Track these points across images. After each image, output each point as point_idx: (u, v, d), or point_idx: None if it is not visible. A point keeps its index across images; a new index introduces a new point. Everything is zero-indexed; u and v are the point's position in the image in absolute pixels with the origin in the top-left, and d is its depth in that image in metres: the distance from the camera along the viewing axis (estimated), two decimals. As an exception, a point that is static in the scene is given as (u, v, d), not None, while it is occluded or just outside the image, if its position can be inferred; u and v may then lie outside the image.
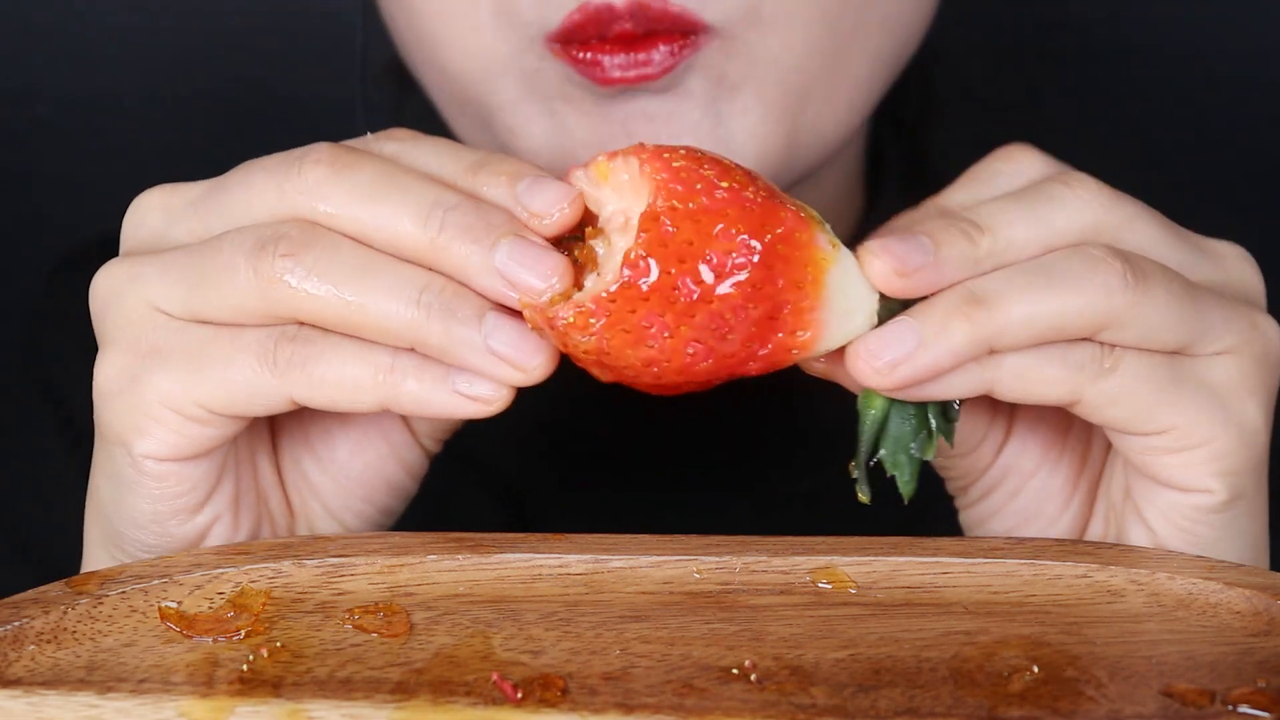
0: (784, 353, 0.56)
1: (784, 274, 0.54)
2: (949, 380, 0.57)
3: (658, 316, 0.54)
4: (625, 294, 0.54)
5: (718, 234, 0.54)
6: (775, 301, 0.54)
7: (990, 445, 0.62)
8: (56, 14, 1.10)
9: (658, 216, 0.54)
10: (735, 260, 0.54)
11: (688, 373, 0.55)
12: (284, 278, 0.57)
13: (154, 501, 0.59)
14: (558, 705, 0.51)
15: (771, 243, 0.54)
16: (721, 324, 0.54)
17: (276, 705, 0.51)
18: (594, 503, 0.80)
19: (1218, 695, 0.51)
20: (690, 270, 0.54)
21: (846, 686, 0.51)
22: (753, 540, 0.57)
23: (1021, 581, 0.55)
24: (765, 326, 0.55)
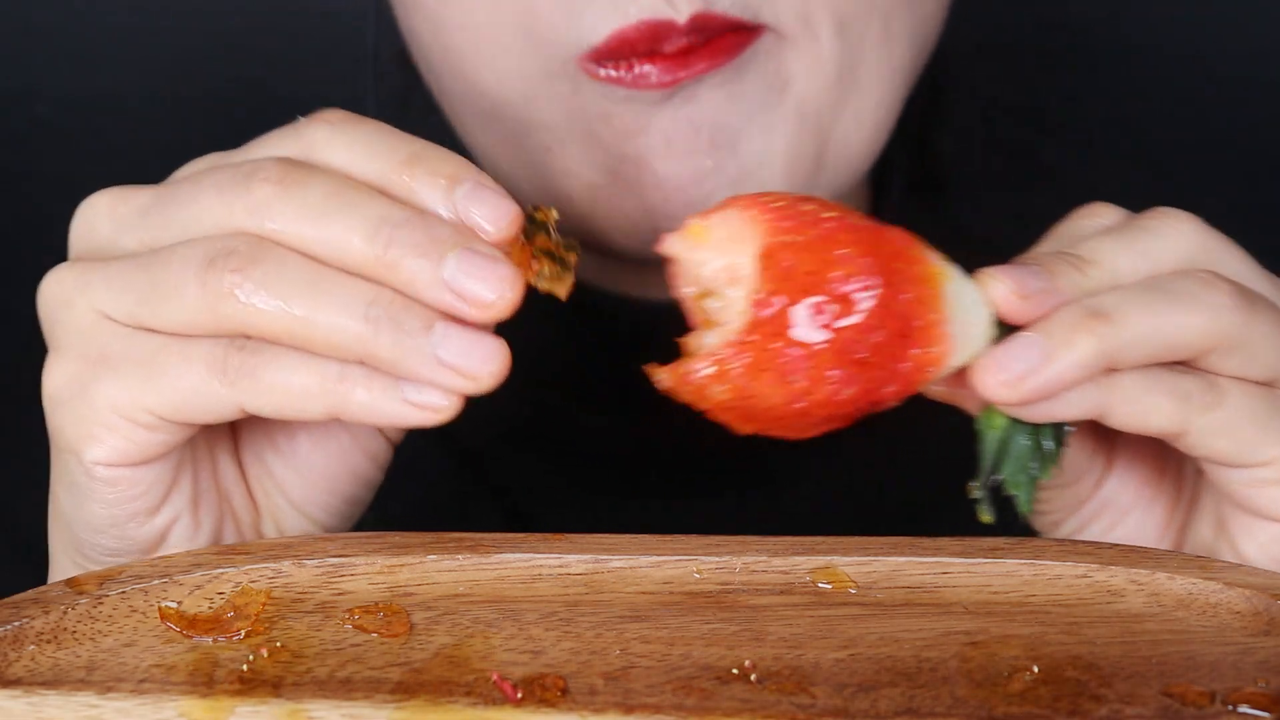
0: (919, 371, 0.55)
1: (907, 290, 0.54)
2: (1068, 399, 0.56)
3: (796, 349, 0.54)
4: (760, 332, 0.54)
5: (837, 259, 0.54)
6: (904, 318, 0.54)
7: (1091, 478, 0.62)
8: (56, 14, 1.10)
9: (774, 253, 0.54)
10: (860, 283, 0.54)
11: (831, 404, 0.54)
12: (233, 293, 0.57)
13: (108, 506, 0.59)
14: (558, 705, 0.51)
15: (889, 261, 0.54)
16: (858, 347, 0.54)
17: (276, 705, 0.51)
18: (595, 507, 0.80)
19: (1218, 695, 0.51)
20: (820, 298, 0.54)
21: (846, 686, 0.51)
22: (753, 540, 0.57)
23: (1021, 581, 0.55)
24: (899, 345, 0.54)
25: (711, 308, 0.56)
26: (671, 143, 0.69)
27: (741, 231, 0.55)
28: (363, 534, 0.58)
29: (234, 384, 0.57)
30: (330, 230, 0.57)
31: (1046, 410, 0.56)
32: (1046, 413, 0.56)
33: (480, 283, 0.57)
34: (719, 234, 0.56)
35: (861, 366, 0.54)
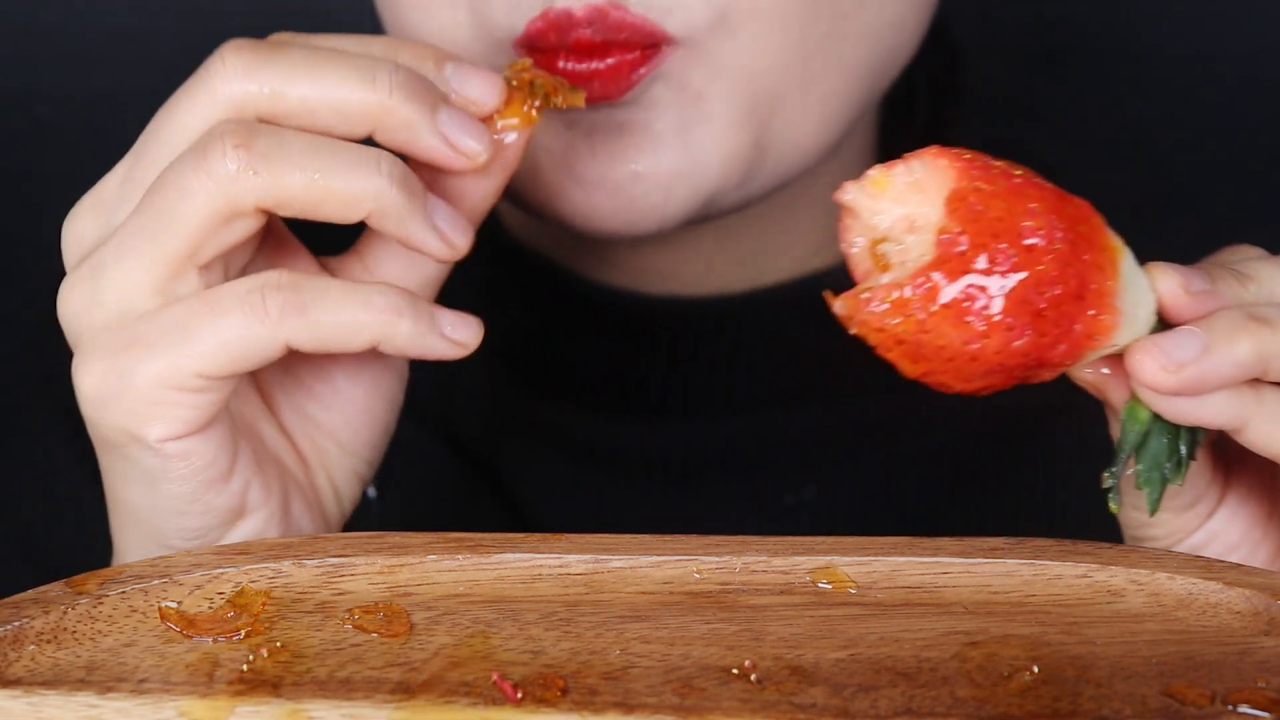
0: (1088, 338, 0.55)
1: (1088, 253, 0.54)
2: (1214, 401, 0.56)
3: (978, 289, 0.53)
4: (943, 266, 0.53)
5: (1026, 211, 0.54)
6: (1082, 280, 0.54)
7: (1203, 507, 0.61)
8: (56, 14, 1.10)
9: (965, 196, 0.54)
10: (1047, 235, 0.54)
11: (1004, 352, 0.54)
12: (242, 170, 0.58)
13: (186, 480, 0.60)
14: (558, 705, 0.51)
15: (1074, 222, 0.54)
16: (1038, 298, 0.54)
17: (276, 705, 0.51)
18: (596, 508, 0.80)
19: (1218, 695, 0.51)
20: (1006, 241, 0.53)
21: (846, 686, 0.51)
22: (753, 540, 0.57)
23: (1021, 581, 0.55)
24: (1074, 305, 0.54)
25: (887, 251, 0.56)
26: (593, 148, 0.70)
27: (927, 180, 0.55)
28: (363, 534, 0.58)
29: (280, 323, 0.58)
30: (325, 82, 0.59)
31: (1192, 409, 0.56)
32: (1192, 411, 0.56)
33: (469, 135, 0.60)
34: (901, 183, 0.56)
35: (1038, 318, 0.54)
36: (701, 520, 0.79)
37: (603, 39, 0.67)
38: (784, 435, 0.81)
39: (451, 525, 0.60)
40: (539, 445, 0.81)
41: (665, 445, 0.80)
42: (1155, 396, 0.56)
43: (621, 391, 0.80)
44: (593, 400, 0.81)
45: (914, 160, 0.55)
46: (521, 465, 0.81)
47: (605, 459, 0.80)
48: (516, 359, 0.82)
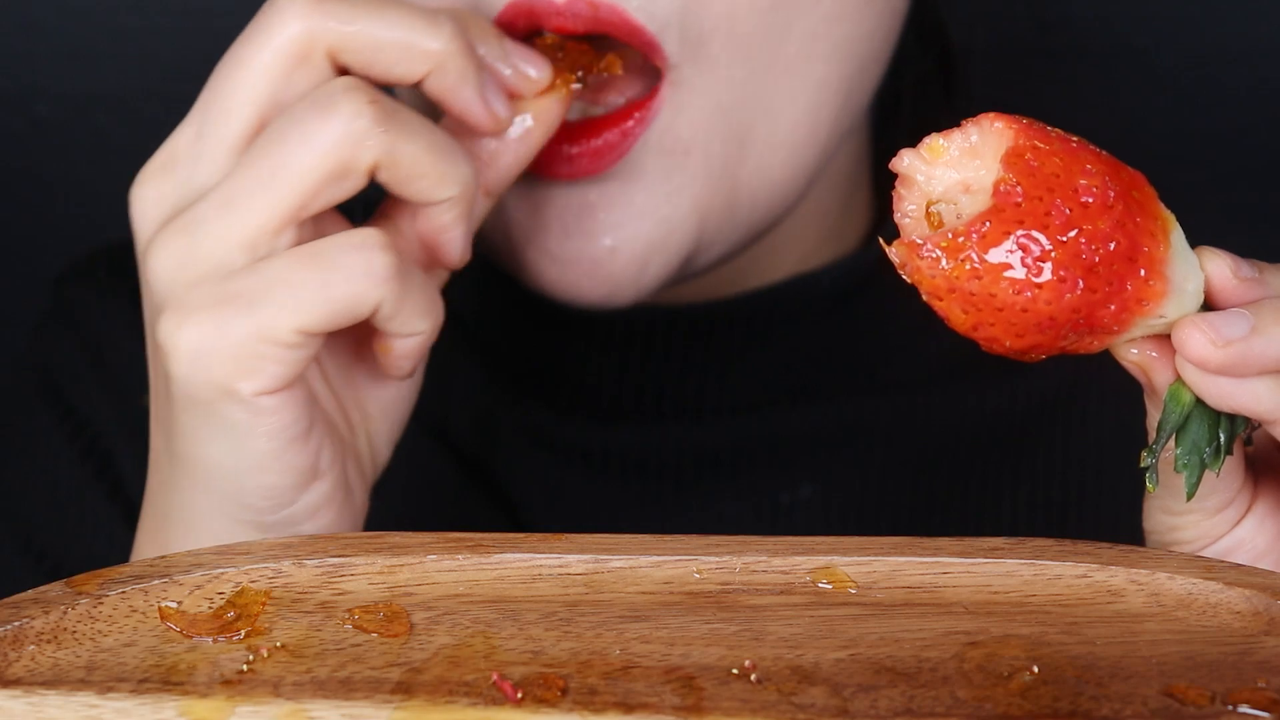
0: (1137, 302, 0.55)
1: (1140, 217, 0.55)
2: (1255, 388, 0.56)
3: (1032, 239, 0.54)
4: (999, 215, 0.54)
5: (1082, 170, 0.54)
6: (1134, 241, 0.55)
7: (1232, 513, 0.61)
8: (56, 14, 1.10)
9: (1022, 153, 0.54)
10: (1101, 194, 0.54)
11: (1055, 304, 0.54)
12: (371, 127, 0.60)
13: (272, 436, 0.60)
14: (558, 705, 0.51)
15: (1128, 186, 0.55)
16: (1091, 253, 0.54)
17: (276, 705, 0.51)
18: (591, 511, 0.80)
19: (1218, 695, 0.51)
20: (1061, 196, 0.54)
21: (846, 686, 0.51)
22: (753, 540, 0.57)
23: (1021, 581, 0.55)
24: (1125, 266, 0.55)
25: (942, 210, 0.56)
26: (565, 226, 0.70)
27: (984, 144, 0.55)
28: (363, 534, 0.58)
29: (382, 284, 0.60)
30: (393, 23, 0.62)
31: (1235, 391, 0.56)
32: (1234, 395, 0.56)
33: (499, 100, 0.64)
34: (957, 149, 0.56)
35: (1090, 274, 0.54)
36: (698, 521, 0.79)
37: (585, 30, 0.67)
38: (779, 436, 0.81)
39: (448, 528, 0.60)
40: (534, 449, 0.81)
41: (660, 447, 0.80)
42: (1199, 377, 0.56)
43: (616, 394, 0.80)
44: (587, 403, 0.81)
45: (971, 125, 0.56)
46: (516, 469, 0.81)
47: (600, 462, 0.80)
48: (510, 363, 0.82)
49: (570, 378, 0.81)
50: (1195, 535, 0.62)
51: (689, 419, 0.80)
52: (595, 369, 0.80)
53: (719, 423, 0.80)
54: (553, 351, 0.81)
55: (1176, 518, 0.61)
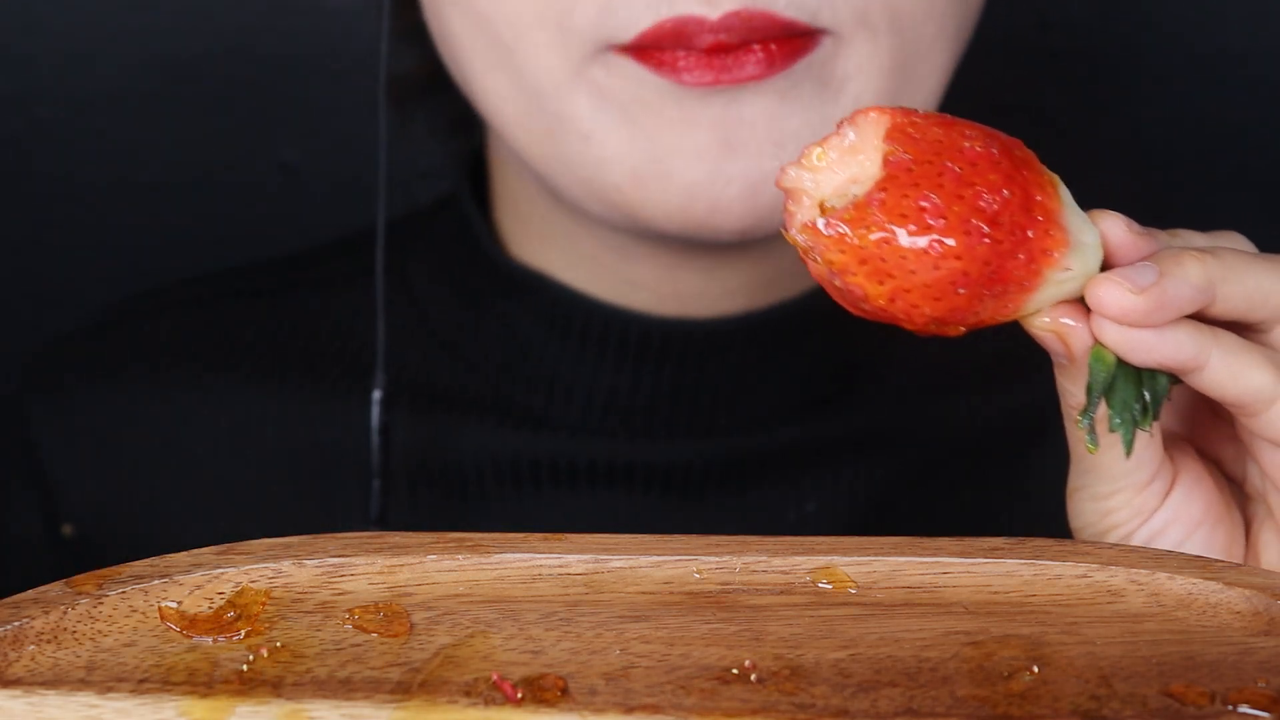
0: (1043, 252, 0.56)
1: (1027, 170, 0.56)
2: (1175, 337, 0.57)
3: (932, 196, 0.54)
4: (894, 182, 0.55)
5: (964, 135, 0.55)
6: (1027, 192, 0.55)
7: (1159, 485, 0.62)
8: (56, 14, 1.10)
9: (903, 128, 0.55)
10: (985, 152, 0.55)
11: (968, 258, 0.55)
12: None
13: None
14: (558, 705, 0.51)
15: (1010, 146, 0.56)
16: (989, 204, 0.55)
17: (276, 705, 0.51)
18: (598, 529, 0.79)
19: (1218, 695, 0.51)
20: (949, 157, 0.55)
21: (846, 686, 0.51)
22: (753, 540, 0.57)
23: (1021, 581, 0.55)
24: (1024, 216, 0.55)
25: (834, 204, 0.56)
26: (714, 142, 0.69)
27: (864, 139, 0.56)
28: (363, 534, 0.58)
29: None
30: None
31: (1156, 343, 0.57)
32: (1155, 347, 0.57)
33: None
34: (838, 152, 0.57)
35: (993, 224, 0.55)
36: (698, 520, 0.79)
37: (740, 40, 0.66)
38: (785, 452, 0.81)
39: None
40: (539, 464, 0.81)
41: (666, 464, 0.80)
42: (1120, 335, 0.57)
43: (624, 411, 0.80)
44: (593, 420, 0.80)
45: (846, 125, 0.56)
46: (518, 486, 0.81)
47: (605, 478, 0.80)
48: (516, 378, 0.82)
49: (576, 395, 0.81)
50: (1129, 515, 0.62)
51: (695, 436, 0.80)
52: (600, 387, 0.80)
53: (724, 440, 0.80)
54: (559, 369, 0.80)
55: (1106, 501, 0.62)
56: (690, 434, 0.80)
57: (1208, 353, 0.57)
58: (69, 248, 1.13)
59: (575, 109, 0.70)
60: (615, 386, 0.79)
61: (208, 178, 1.11)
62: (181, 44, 1.10)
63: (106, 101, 1.10)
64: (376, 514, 0.78)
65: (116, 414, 0.84)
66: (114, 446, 0.84)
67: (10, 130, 1.11)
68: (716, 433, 0.80)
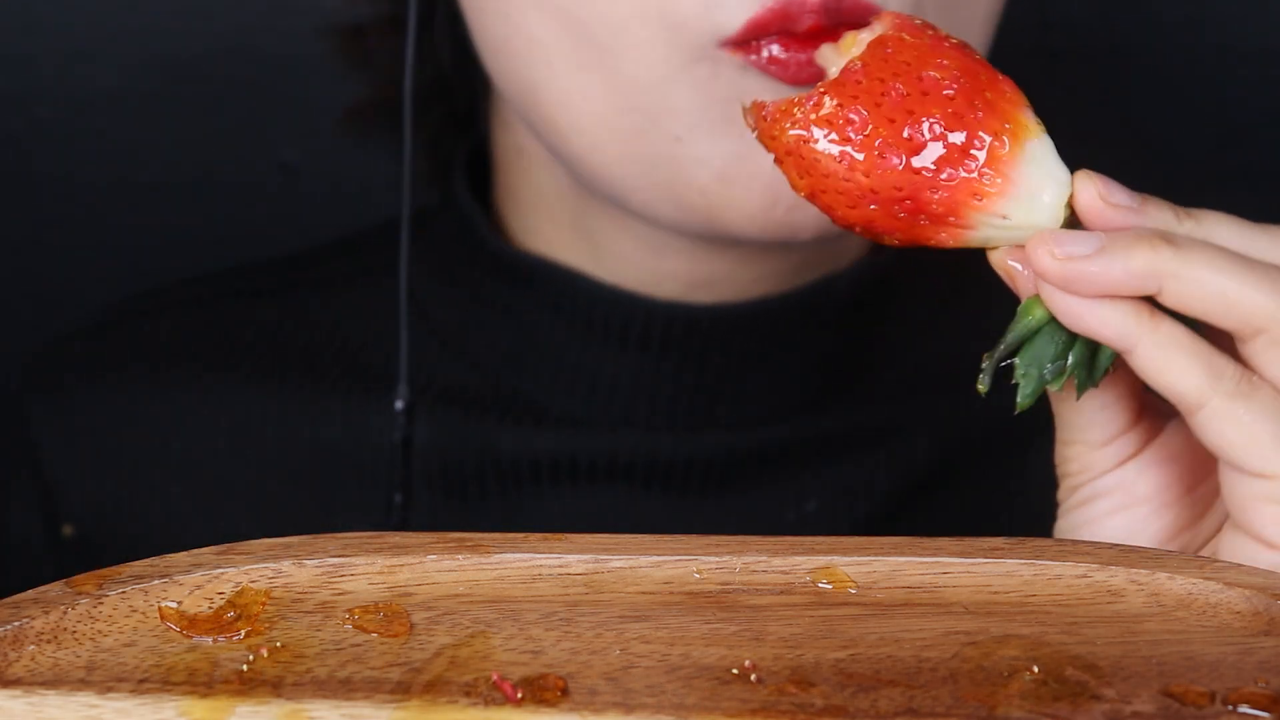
0: (969, 195, 0.57)
1: (985, 113, 0.57)
2: (1102, 312, 0.57)
3: (860, 113, 0.57)
4: (838, 89, 0.58)
5: (934, 64, 0.57)
6: (972, 136, 0.57)
7: (1117, 450, 0.62)
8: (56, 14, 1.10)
9: (885, 42, 0.58)
10: (942, 84, 0.57)
11: (875, 177, 0.57)
12: None
13: None
14: (558, 705, 0.51)
15: (980, 88, 0.57)
16: (918, 136, 0.57)
17: (276, 705, 0.51)
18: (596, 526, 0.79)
19: (1218, 695, 0.51)
20: (902, 81, 0.57)
21: (846, 686, 0.51)
22: (753, 540, 0.57)
23: (1021, 581, 0.55)
24: (958, 157, 0.57)
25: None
26: None
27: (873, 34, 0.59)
28: (363, 534, 0.58)
29: None
30: None
31: (1083, 312, 0.57)
32: (1082, 314, 0.57)
33: None
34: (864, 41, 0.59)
35: (915, 155, 0.57)
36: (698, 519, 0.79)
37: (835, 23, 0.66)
38: (784, 450, 0.81)
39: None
40: (537, 461, 0.81)
41: (666, 462, 0.80)
42: (1050, 292, 0.57)
43: (625, 406, 0.80)
44: (593, 413, 0.80)
45: (876, 21, 0.59)
46: (520, 482, 0.81)
47: (605, 475, 0.80)
48: (519, 373, 0.82)
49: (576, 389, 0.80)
50: (1078, 469, 0.63)
51: (694, 433, 0.80)
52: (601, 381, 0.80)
53: (724, 437, 0.80)
54: (560, 357, 0.80)
55: (1065, 449, 0.63)
56: (692, 429, 0.80)
57: (1135, 339, 0.57)
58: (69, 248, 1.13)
59: (674, 107, 0.70)
60: (620, 375, 0.79)
61: (208, 178, 1.11)
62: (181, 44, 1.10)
63: (106, 101, 1.10)
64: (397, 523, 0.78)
65: (116, 414, 0.84)
66: (114, 446, 0.84)
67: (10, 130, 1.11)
68: (718, 429, 0.80)
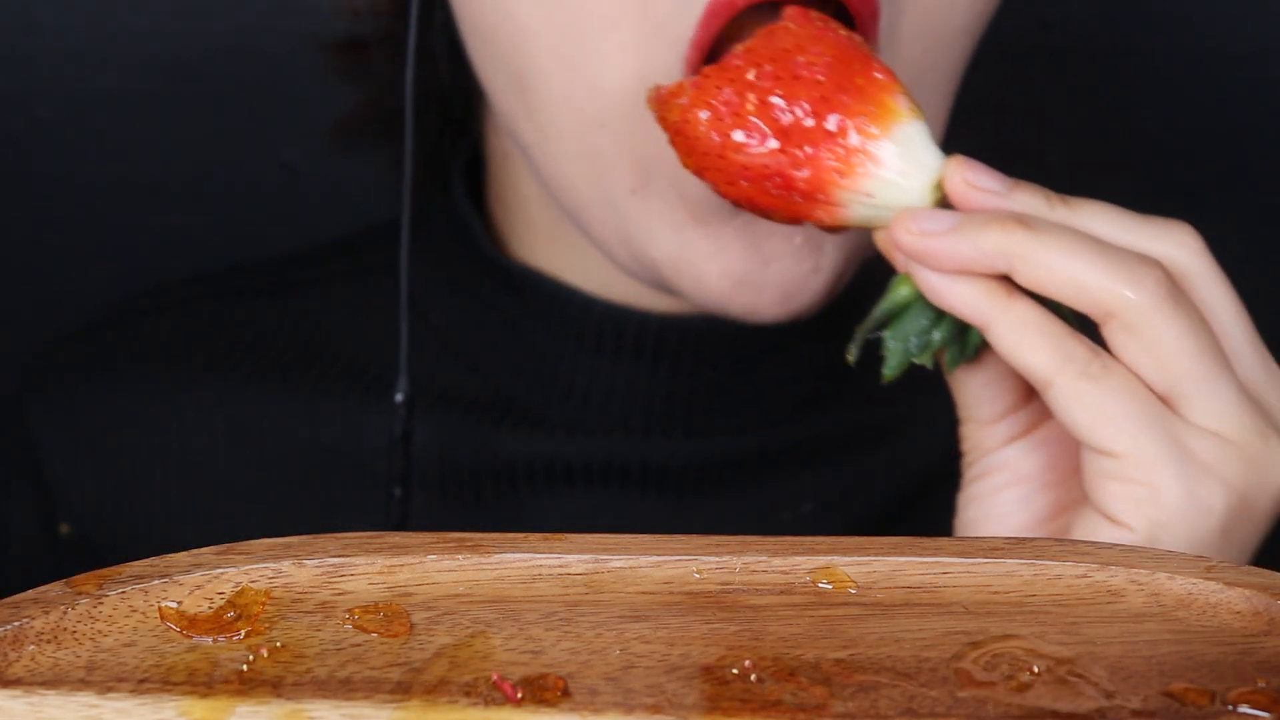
0: (834, 174, 0.61)
1: (853, 99, 0.61)
2: (956, 289, 0.60)
3: (736, 94, 0.61)
4: (718, 73, 0.62)
5: (810, 51, 0.61)
6: (842, 118, 0.61)
7: (1005, 429, 0.64)
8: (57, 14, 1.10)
9: (773, 30, 0.62)
10: (814, 68, 0.61)
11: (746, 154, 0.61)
12: None
13: None
14: (558, 705, 0.51)
15: (850, 74, 0.61)
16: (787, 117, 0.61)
17: (276, 705, 0.51)
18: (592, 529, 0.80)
19: (1218, 695, 0.51)
20: (774, 64, 0.61)
21: (846, 686, 0.51)
22: (753, 540, 0.57)
23: (1021, 581, 0.55)
24: (824, 139, 0.61)
25: None
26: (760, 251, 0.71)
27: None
28: (363, 534, 0.58)
29: None
30: None
31: (940, 287, 0.60)
32: (940, 290, 0.60)
33: None
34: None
35: (783, 136, 0.61)
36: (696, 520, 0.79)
37: None
38: (781, 452, 0.81)
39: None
40: (534, 464, 0.81)
41: (662, 465, 0.80)
42: (914, 269, 0.60)
43: (620, 412, 0.80)
44: (589, 420, 0.80)
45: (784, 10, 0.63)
46: (516, 485, 0.81)
47: (600, 479, 0.80)
48: (515, 377, 0.82)
49: (571, 393, 0.80)
50: (972, 445, 0.66)
51: (691, 436, 0.80)
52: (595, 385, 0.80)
53: (720, 440, 0.80)
54: (555, 366, 0.80)
55: (962, 426, 0.65)
56: (687, 434, 0.80)
57: (989, 316, 0.60)
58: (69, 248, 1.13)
59: (639, 143, 0.70)
60: (614, 384, 0.80)
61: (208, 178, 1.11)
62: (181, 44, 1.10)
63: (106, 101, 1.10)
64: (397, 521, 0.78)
65: (116, 414, 0.84)
66: (114, 446, 0.84)
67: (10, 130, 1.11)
68: (714, 433, 0.80)
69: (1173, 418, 0.60)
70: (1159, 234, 0.61)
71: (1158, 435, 0.59)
